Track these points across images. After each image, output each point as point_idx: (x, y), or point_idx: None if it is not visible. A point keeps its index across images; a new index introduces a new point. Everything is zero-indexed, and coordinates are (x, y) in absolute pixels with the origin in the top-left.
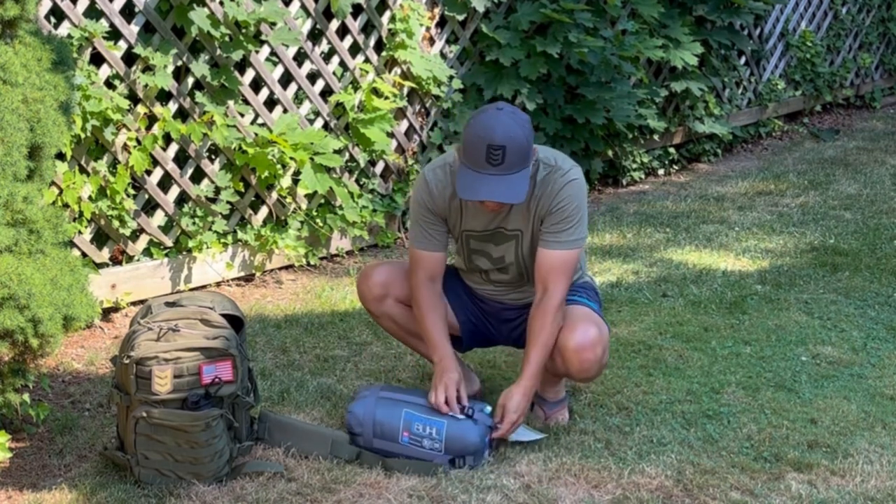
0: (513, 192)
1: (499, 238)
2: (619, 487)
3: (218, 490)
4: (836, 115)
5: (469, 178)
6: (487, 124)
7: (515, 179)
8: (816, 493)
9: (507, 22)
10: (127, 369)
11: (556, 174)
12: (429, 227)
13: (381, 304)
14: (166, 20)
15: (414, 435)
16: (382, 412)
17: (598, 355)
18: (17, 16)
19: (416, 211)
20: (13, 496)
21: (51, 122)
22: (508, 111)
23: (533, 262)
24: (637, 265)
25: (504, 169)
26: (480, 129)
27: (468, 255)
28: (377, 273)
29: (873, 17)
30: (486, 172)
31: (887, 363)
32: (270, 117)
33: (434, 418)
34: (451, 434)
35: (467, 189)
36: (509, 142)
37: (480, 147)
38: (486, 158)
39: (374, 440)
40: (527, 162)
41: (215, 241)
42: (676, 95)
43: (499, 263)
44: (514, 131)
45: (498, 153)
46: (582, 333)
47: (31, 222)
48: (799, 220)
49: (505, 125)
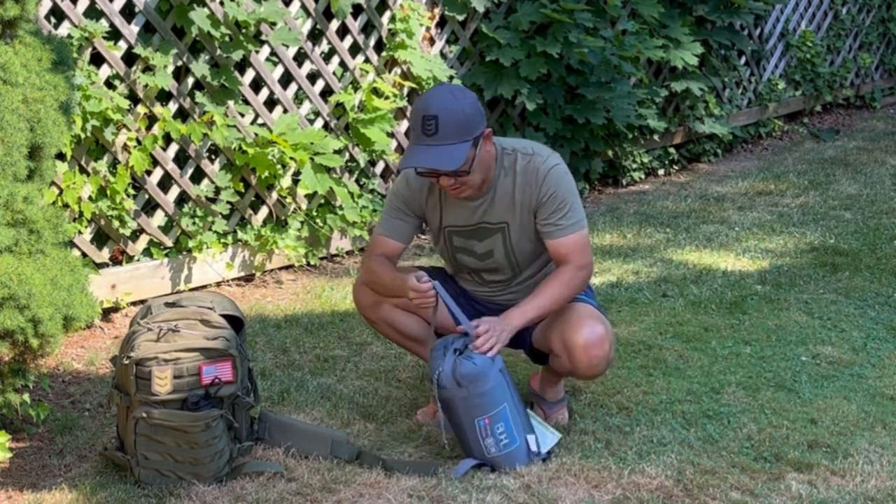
0: (446, 159)
1: (482, 233)
2: (619, 487)
3: (218, 490)
4: (836, 115)
5: (409, 151)
6: (425, 97)
7: (451, 149)
8: (816, 493)
9: (507, 22)
10: (127, 370)
11: (535, 161)
12: (398, 216)
13: (377, 310)
14: (166, 20)
15: (489, 429)
16: (494, 383)
17: (606, 351)
18: (18, 16)
19: (391, 200)
20: (13, 496)
21: (51, 122)
22: (449, 86)
23: (522, 254)
24: (637, 265)
25: (438, 139)
26: (419, 102)
27: (453, 255)
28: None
29: (873, 17)
30: (422, 143)
31: (887, 363)
32: (270, 117)
33: (516, 433)
34: (511, 455)
35: (405, 159)
36: (442, 111)
37: (417, 119)
38: (422, 129)
39: (457, 399)
40: (466, 136)
41: (215, 242)
42: (676, 95)
43: (486, 258)
44: (449, 103)
45: (431, 123)
46: (589, 330)
47: (32, 222)
48: (799, 221)
49: (440, 97)
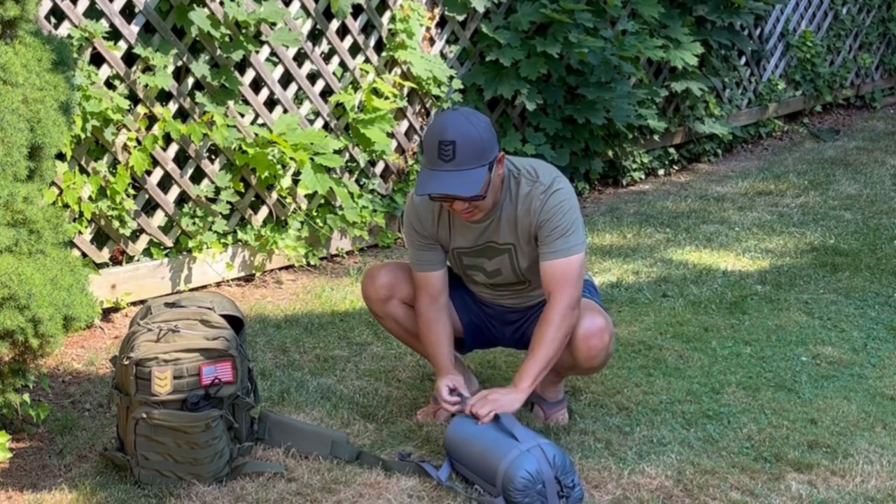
0: (464, 185)
1: (490, 252)
2: (619, 487)
3: (218, 490)
4: (836, 116)
5: (424, 176)
6: (439, 122)
7: (469, 174)
8: (816, 493)
9: (507, 22)
10: (127, 370)
11: (537, 189)
12: (422, 250)
13: (386, 306)
14: (166, 20)
15: None
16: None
17: (606, 342)
18: (18, 16)
19: (409, 234)
20: (13, 496)
21: (51, 123)
22: (463, 111)
23: (531, 273)
24: (637, 265)
25: (456, 165)
26: (434, 127)
27: (463, 271)
28: (383, 274)
29: (873, 17)
30: (439, 169)
31: (887, 363)
32: (270, 117)
33: None
34: None
35: (421, 185)
36: (459, 137)
37: (433, 144)
38: (438, 154)
39: None
40: (482, 160)
41: (215, 242)
42: (676, 95)
43: (495, 276)
44: (466, 128)
45: (448, 148)
46: (589, 321)
47: (32, 222)
48: (799, 221)
49: (456, 122)
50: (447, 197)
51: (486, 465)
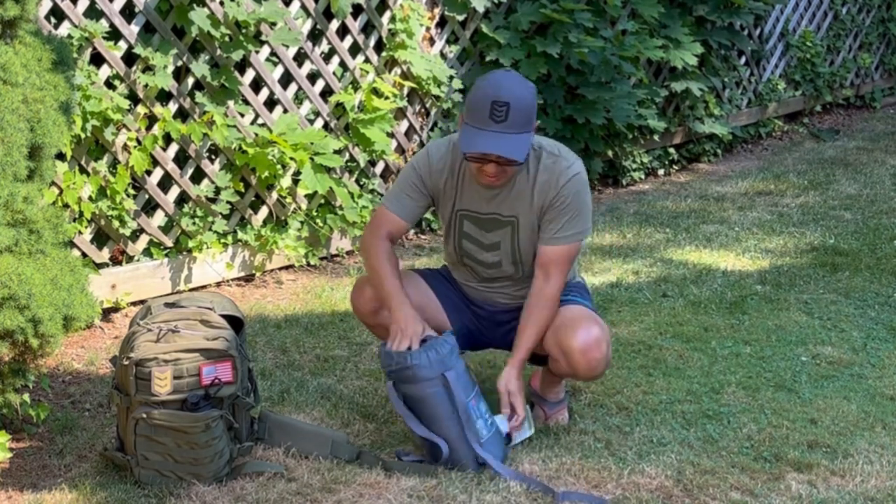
0: (514, 148)
1: (492, 224)
2: (619, 487)
3: (218, 490)
4: (836, 115)
5: (471, 134)
6: (494, 82)
7: (519, 138)
8: (816, 493)
9: (507, 22)
10: (126, 370)
11: (560, 164)
12: (411, 193)
13: (376, 317)
14: (166, 20)
15: (479, 410)
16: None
17: (604, 352)
18: (18, 16)
19: (407, 174)
20: (13, 496)
21: (51, 122)
22: (515, 74)
23: (528, 252)
24: (637, 265)
25: (507, 127)
26: (487, 86)
27: (458, 241)
28: (370, 287)
29: (873, 17)
30: (490, 129)
31: (887, 363)
32: (270, 117)
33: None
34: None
35: (468, 143)
36: (514, 99)
37: (485, 103)
38: (490, 114)
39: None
40: (529, 126)
41: (215, 242)
42: (676, 95)
43: (491, 250)
44: (521, 91)
45: (502, 109)
46: (585, 333)
47: (32, 222)
48: (799, 220)
49: (511, 83)
50: (484, 157)
51: None
